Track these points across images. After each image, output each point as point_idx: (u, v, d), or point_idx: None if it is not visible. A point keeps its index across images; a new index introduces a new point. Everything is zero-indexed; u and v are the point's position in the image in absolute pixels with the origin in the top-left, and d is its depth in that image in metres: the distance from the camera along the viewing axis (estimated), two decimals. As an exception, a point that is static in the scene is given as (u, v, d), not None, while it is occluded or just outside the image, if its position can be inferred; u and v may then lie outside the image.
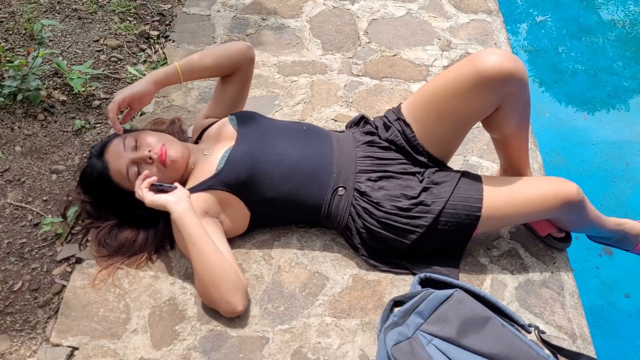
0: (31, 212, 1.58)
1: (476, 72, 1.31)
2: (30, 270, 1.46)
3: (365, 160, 1.45)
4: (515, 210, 1.39)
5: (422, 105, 1.43)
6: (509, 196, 1.39)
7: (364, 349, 1.29)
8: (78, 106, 1.91)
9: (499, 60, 1.29)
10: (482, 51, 1.33)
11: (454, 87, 1.36)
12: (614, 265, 2.23)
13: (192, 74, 1.49)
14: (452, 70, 1.38)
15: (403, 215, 1.37)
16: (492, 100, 1.34)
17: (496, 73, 1.29)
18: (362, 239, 1.43)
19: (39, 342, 1.33)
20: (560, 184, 1.39)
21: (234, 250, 1.47)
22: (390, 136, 1.46)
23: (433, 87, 1.42)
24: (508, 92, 1.33)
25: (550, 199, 1.37)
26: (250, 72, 1.61)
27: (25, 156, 1.72)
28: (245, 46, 1.56)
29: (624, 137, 2.74)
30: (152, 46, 2.19)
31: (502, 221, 1.44)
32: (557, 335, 1.34)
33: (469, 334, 1.17)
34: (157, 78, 1.45)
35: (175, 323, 1.33)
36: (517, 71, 1.31)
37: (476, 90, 1.33)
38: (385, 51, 2.21)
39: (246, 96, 1.65)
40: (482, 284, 1.44)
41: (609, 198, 2.47)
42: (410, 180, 1.42)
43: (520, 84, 1.33)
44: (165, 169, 1.39)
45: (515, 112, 1.39)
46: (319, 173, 1.43)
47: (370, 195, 1.39)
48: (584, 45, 3.27)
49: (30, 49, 2.00)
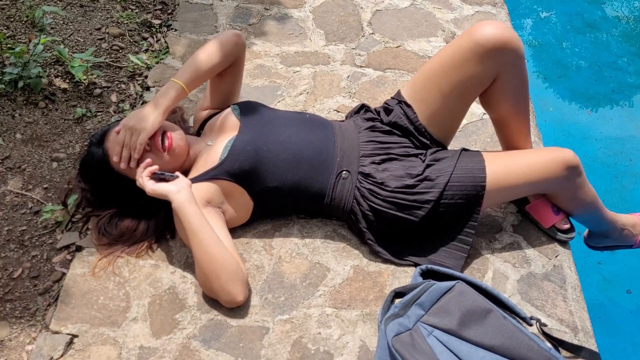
0: (31, 199, 1.58)
1: (473, 42, 1.36)
2: (30, 258, 1.46)
3: (368, 144, 1.45)
4: (518, 178, 1.41)
5: (421, 84, 1.46)
6: (510, 164, 1.42)
7: (364, 340, 1.29)
8: (79, 94, 1.90)
9: (496, 29, 1.35)
10: (479, 23, 1.38)
11: (452, 60, 1.40)
12: (615, 261, 2.22)
13: (194, 84, 1.42)
14: (449, 45, 1.43)
15: (409, 192, 1.38)
16: (489, 69, 1.38)
17: (492, 41, 1.34)
18: (369, 222, 1.42)
19: (38, 329, 1.32)
20: (557, 150, 1.43)
21: (235, 240, 1.46)
22: (392, 118, 1.47)
23: (431, 66, 1.45)
24: (505, 62, 1.37)
25: (549, 163, 1.40)
26: (242, 60, 1.58)
27: (26, 144, 1.72)
28: (235, 36, 1.50)
29: (627, 133, 2.73)
30: (154, 35, 2.18)
31: (507, 192, 1.44)
32: (559, 328, 1.33)
33: (470, 325, 1.17)
34: (166, 107, 1.35)
35: (175, 312, 1.32)
36: (512, 40, 1.36)
37: (473, 59, 1.37)
38: (388, 42, 2.20)
39: (240, 84, 1.63)
40: (484, 276, 1.43)
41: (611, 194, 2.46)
42: (413, 161, 1.43)
43: (516, 54, 1.37)
44: (167, 155, 1.38)
45: (511, 85, 1.42)
46: (323, 159, 1.42)
47: (375, 176, 1.40)
48: (588, 40, 3.25)
49: (31, 36, 1.99)
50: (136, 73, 2.00)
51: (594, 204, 1.50)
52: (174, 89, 1.37)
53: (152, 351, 1.25)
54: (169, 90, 1.37)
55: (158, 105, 1.35)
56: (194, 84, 1.42)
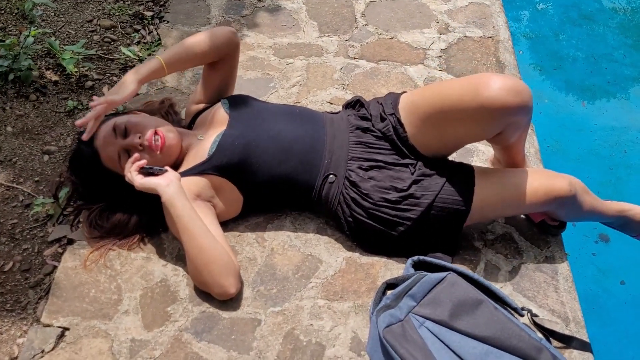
0: (22, 192, 1.57)
1: (478, 104, 1.24)
2: (21, 251, 1.45)
3: (357, 147, 1.42)
4: (505, 205, 1.38)
5: (420, 115, 1.37)
6: (499, 191, 1.37)
7: (356, 331, 1.29)
8: (70, 87, 1.88)
9: (503, 94, 1.22)
10: (486, 81, 1.25)
11: (454, 112, 1.30)
12: (609, 252, 2.22)
13: (176, 65, 1.43)
14: (453, 91, 1.31)
15: (391, 207, 1.36)
16: (494, 129, 1.30)
17: (499, 108, 1.23)
18: (350, 227, 1.42)
19: (29, 322, 1.32)
20: (553, 181, 1.36)
21: (227, 232, 1.46)
22: (383, 129, 1.42)
23: (434, 101, 1.34)
24: (511, 122, 1.28)
25: (541, 195, 1.35)
26: (236, 58, 1.56)
27: (16, 136, 1.70)
28: (229, 32, 1.49)
29: (622, 124, 2.72)
30: (146, 27, 2.16)
31: (492, 215, 1.45)
32: (550, 318, 1.33)
33: (462, 316, 1.16)
34: (141, 76, 1.37)
35: (167, 304, 1.32)
36: (522, 104, 1.24)
37: (477, 120, 1.28)
38: (382, 34, 2.18)
39: (234, 81, 1.62)
40: (476, 268, 1.43)
41: (606, 185, 2.46)
42: (401, 172, 1.39)
43: (524, 114, 1.28)
44: (160, 154, 1.37)
45: (516, 133, 1.35)
46: (312, 157, 1.41)
47: (360, 185, 1.37)
48: (584, 32, 3.24)
49: (22, 28, 1.98)
50: (128, 65, 1.99)
51: (589, 213, 1.44)
52: (153, 62, 1.39)
53: (144, 344, 1.25)
54: (147, 63, 1.39)
55: (132, 74, 1.37)
56: (174, 65, 1.43)
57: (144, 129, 1.36)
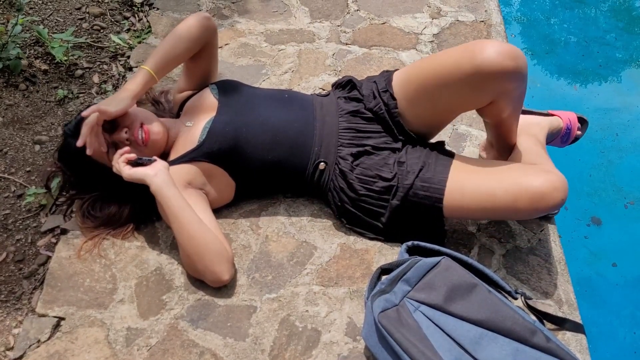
0: (14, 183, 1.56)
1: (474, 68, 1.24)
2: (14, 242, 1.44)
3: (347, 132, 1.43)
4: (482, 193, 1.31)
5: (414, 87, 1.37)
6: (476, 176, 1.32)
7: (351, 317, 1.29)
8: (60, 75, 1.86)
9: (500, 58, 1.22)
10: (482, 45, 1.24)
11: (450, 78, 1.29)
12: (601, 235, 2.24)
13: (164, 70, 1.40)
14: (449, 57, 1.30)
15: (375, 197, 1.37)
16: (488, 95, 1.29)
17: (495, 71, 1.22)
18: (340, 213, 1.44)
19: (24, 312, 1.32)
20: (528, 177, 1.27)
21: (221, 220, 1.46)
22: (375, 107, 1.43)
23: (428, 71, 1.35)
24: (506, 88, 1.27)
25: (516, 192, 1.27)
26: (215, 42, 1.54)
27: (7, 126, 1.69)
28: (204, 19, 1.45)
29: (614, 107, 2.73)
30: (135, 14, 2.13)
31: (467, 213, 1.35)
32: (543, 301, 1.35)
33: (456, 300, 1.17)
34: (135, 92, 1.33)
35: (162, 293, 1.32)
36: (517, 69, 1.23)
37: (472, 85, 1.27)
38: (374, 19, 2.17)
39: (217, 64, 1.60)
40: (470, 252, 1.44)
41: (597, 168, 2.47)
42: (388, 157, 1.39)
43: (519, 81, 1.27)
44: (145, 148, 1.36)
45: (510, 104, 1.33)
46: (302, 143, 1.41)
47: (347, 175, 1.39)
48: (576, 16, 3.23)
49: (9, 17, 1.94)
50: (118, 53, 1.97)
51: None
52: (141, 74, 1.35)
53: (140, 332, 1.25)
54: (137, 77, 1.35)
55: (126, 91, 1.33)
56: (163, 71, 1.39)
57: (132, 123, 1.35)
